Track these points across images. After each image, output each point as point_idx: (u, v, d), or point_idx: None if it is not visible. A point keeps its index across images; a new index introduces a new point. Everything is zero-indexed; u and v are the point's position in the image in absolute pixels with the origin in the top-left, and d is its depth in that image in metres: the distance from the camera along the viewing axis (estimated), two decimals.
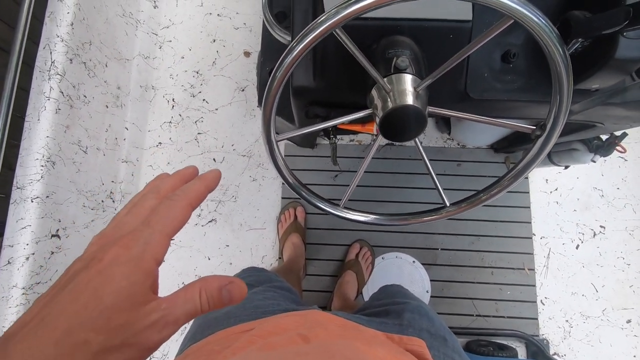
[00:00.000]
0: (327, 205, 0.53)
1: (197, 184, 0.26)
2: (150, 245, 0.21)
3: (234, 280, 0.23)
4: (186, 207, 0.24)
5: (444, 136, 1.32)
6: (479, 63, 0.59)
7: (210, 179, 0.27)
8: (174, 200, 0.24)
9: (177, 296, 0.22)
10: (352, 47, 0.41)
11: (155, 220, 0.23)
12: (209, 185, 0.27)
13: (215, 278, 0.23)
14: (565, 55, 0.37)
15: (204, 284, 0.22)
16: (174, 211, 0.23)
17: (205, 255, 1.27)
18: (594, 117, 0.68)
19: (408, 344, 0.40)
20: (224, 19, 1.43)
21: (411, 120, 0.45)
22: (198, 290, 0.22)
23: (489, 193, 0.49)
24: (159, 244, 0.22)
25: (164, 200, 0.24)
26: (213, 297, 0.22)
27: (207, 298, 0.22)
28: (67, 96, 0.99)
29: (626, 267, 1.21)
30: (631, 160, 1.27)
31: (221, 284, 0.22)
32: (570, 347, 1.17)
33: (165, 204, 0.24)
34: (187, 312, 0.21)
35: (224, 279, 0.23)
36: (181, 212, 0.24)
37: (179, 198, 0.24)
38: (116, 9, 1.22)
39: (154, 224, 0.22)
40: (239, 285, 0.23)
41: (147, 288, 0.21)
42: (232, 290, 0.22)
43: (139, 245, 0.21)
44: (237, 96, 1.38)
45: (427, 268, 1.22)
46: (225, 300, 0.22)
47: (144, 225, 0.22)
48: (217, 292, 0.22)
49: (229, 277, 0.23)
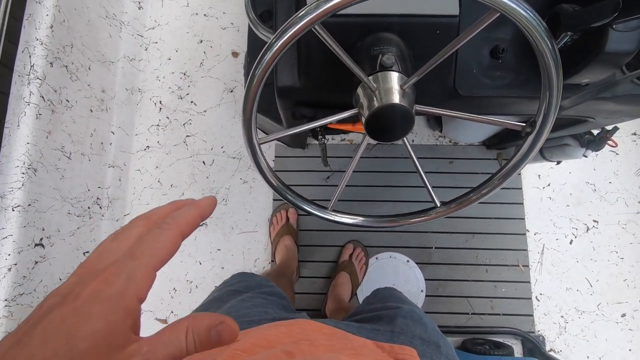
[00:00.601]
0: (313, 207, 0.51)
1: (189, 212, 0.24)
2: (134, 280, 0.19)
3: (225, 320, 0.21)
4: (176, 237, 0.22)
5: (435, 134, 1.31)
6: (468, 59, 0.58)
7: (205, 206, 0.25)
8: (162, 228, 0.22)
9: (161, 337, 0.19)
10: (333, 44, 0.39)
11: (141, 251, 0.21)
12: (202, 213, 0.25)
13: (205, 317, 0.20)
14: (554, 49, 0.36)
15: (191, 322, 0.20)
16: (162, 241, 0.21)
17: (197, 260, 1.25)
18: (584, 112, 0.67)
19: (399, 353, 0.39)
20: (211, 19, 1.40)
21: (398, 119, 0.44)
22: (184, 330, 0.20)
23: (480, 193, 0.48)
24: (143, 279, 0.20)
25: (152, 228, 0.22)
26: (200, 338, 0.20)
27: (193, 339, 0.20)
28: (48, 101, 0.97)
29: (620, 261, 1.21)
30: (623, 154, 1.27)
31: (211, 323, 0.20)
32: (566, 343, 1.17)
33: (153, 233, 0.22)
34: (170, 355, 0.19)
35: (214, 319, 0.20)
36: (170, 241, 0.22)
37: (168, 227, 0.22)
38: (99, 11, 1.19)
39: (139, 256, 0.20)
40: (229, 326, 0.21)
41: (127, 329, 0.19)
42: (222, 331, 0.20)
43: (120, 280, 0.19)
44: (226, 97, 1.35)
45: (421, 267, 1.21)
46: (214, 342, 0.20)
47: (128, 257, 0.20)
48: (205, 333, 0.20)
49: (220, 316, 0.21)
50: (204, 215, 0.25)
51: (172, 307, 1.23)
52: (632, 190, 1.24)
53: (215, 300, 0.55)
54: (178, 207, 0.25)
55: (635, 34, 0.47)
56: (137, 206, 1.28)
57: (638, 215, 1.23)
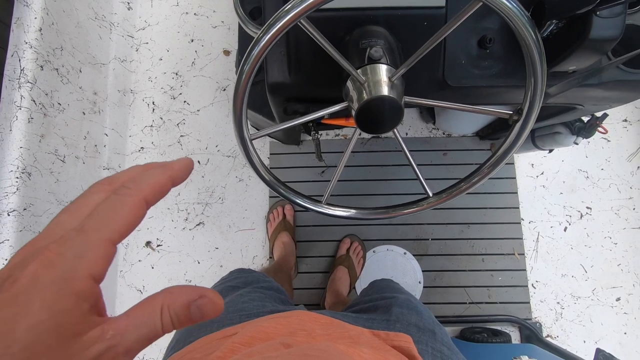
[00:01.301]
0: (306, 201, 0.52)
1: (156, 174, 0.20)
2: (84, 258, 0.16)
3: (206, 293, 0.18)
4: (137, 204, 0.19)
5: (429, 126, 1.31)
6: (456, 50, 0.58)
7: (178, 169, 0.21)
8: (121, 194, 0.19)
9: (131, 317, 0.17)
10: (320, 38, 0.39)
11: (92, 223, 0.17)
12: (173, 176, 0.21)
13: (181, 291, 0.18)
14: (537, 38, 0.36)
15: (166, 299, 0.17)
16: (120, 210, 0.18)
17: (195, 259, 1.26)
18: (573, 99, 0.67)
19: (395, 340, 0.39)
20: (201, 17, 1.40)
21: (387, 111, 0.44)
22: (159, 308, 0.17)
23: (470, 182, 0.48)
24: (96, 255, 0.17)
25: (109, 195, 0.19)
26: (178, 315, 0.17)
27: (170, 317, 0.17)
28: (39, 104, 0.96)
29: (613, 247, 1.22)
30: (614, 141, 1.28)
31: (190, 298, 0.18)
32: (563, 329, 1.18)
33: (110, 201, 0.18)
34: (143, 337, 0.17)
35: (193, 292, 0.18)
36: (130, 210, 0.18)
37: (128, 192, 0.19)
38: (87, 12, 1.19)
39: (89, 229, 0.17)
40: (212, 299, 0.18)
41: (83, 314, 0.16)
42: (204, 306, 0.18)
43: (66, 259, 0.16)
44: (219, 96, 1.35)
45: (418, 259, 1.22)
46: (196, 318, 0.18)
47: (76, 232, 0.17)
48: (183, 310, 0.17)
49: (200, 288, 0.18)
50: (176, 178, 0.21)
51: None
52: (624, 176, 1.26)
53: None
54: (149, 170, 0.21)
55: (618, 20, 0.48)
56: None
57: (630, 200, 1.24)
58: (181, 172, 0.21)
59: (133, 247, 1.27)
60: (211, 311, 0.18)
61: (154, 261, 1.26)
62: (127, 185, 0.19)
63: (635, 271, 1.21)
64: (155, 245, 1.27)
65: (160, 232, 1.27)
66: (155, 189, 0.20)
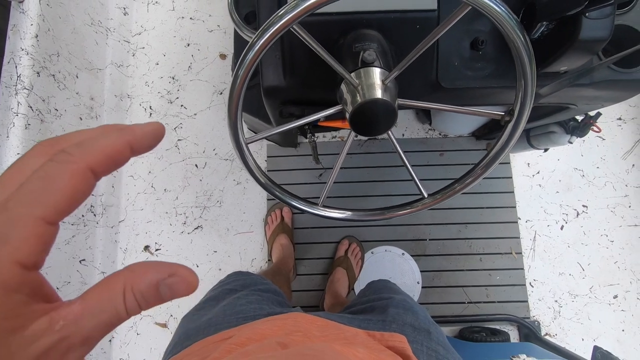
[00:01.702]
0: (303, 203, 0.52)
1: (110, 138, 0.16)
2: (7, 241, 0.13)
3: (177, 270, 0.15)
4: (79, 173, 0.15)
5: (425, 127, 1.32)
6: (449, 52, 0.59)
7: (141, 134, 0.17)
8: (58, 161, 0.15)
9: (86, 302, 0.14)
10: (313, 43, 0.40)
11: (18, 198, 0.14)
12: (133, 142, 0.17)
13: (147, 268, 0.15)
14: (525, 40, 0.37)
15: (129, 278, 0.15)
16: (57, 180, 0.15)
17: (193, 263, 1.26)
18: (566, 98, 0.68)
19: (389, 340, 0.40)
20: (197, 22, 1.41)
21: (380, 113, 0.45)
22: (121, 290, 0.15)
23: (464, 182, 0.49)
24: (23, 236, 0.14)
25: (46, 161, 0.15)
26: (145, 296, 0.15)
27: (135, 299, 0.15)
28: (36, 110, 0.97)
29: (610, 244, 1.23)
30: (608, 139, 1.29)
31: (158, 277, 0.15)
32: (561, 327, 1.19)
33: (44, 169, 0.15)
34: (103, 323, 0.14)
35: (161, 269, 0.15)
36: (69, 180, 0.15)
37: (68, 158, 0.15)
38: (84, 18, 1.19)
39: (15, 205, 0.14)
40: (184, 278, 0.15)
41: (17, 306, 0.13)
42: (175, 284, 0.15)
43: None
44: (216, 99, 1.36)
45: (416, 259, 1.23)
46: (166, 298, 0.15)
47: None
48: (150, 290, 0.15)
49: (169, 265, 0.16)
50: (137, 145, 0.17)
51: (171, 310, 1.23)
52: (620, 174, 1.26)
53: (210, 300, 0.56)
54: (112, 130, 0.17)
55: (607, 21, 0.49)
56: (131, 212, 1.29)
57: (626, 198, 1.25)
58: (145, 139, 0.17)
59: (131, 252, 1.27)
60: (184, 290, 0.16)
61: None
62: (68, 150, 0.15)
63: (632, 268, 1.21)
64: (154, 249, 1.27)
65: (158, 236, 1.27)
66: (107, 155, 0.16)
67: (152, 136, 0.18)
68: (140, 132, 0.17)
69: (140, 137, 0.17)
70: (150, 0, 1.42)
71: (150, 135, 0.18)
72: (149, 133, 0.18)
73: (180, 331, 0.49)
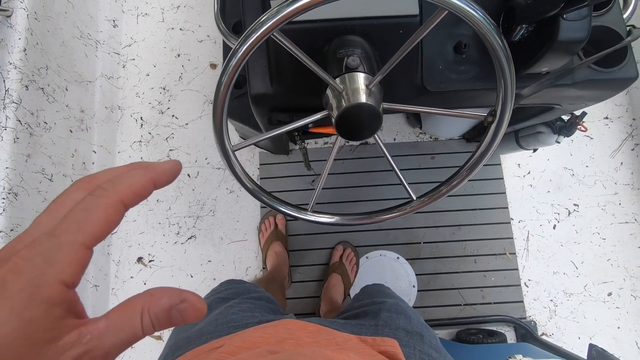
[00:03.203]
0: (292, 209, 0.52)
1: (137, 175, 0.20)
2: (54, 263, 0.16)
3: (188, 297, 0.18)
4: (113, 206, 0.18)
5: (416, 131, 1.33)
6: (433, 56, 0.60)
7: (162, 171, 0.21)
8: (96, 195, 0.18)
9: (110, 320, 0.17)
10: (295, 50, 0.40)
11: (64, 226, 0.17)
12: (156, 179, 0.20)
13: (163, 294, 0.18)
14: (502, 42, 0.38)
15: (147, 302, 0.17)
16: (95, 212, 0.17)
17: (188, 273, 1.25)
18: (550, 99, 0.69)
19: (381, 345, 0.40)
20: (187, 32, 1.41)
21: (365, 118, 0.45)
22: (139, 312, 0.17)
23: (450, 184, 0.49)
24: (67, 259, 0.16)
25: (85, 196, 0.18)
26: (159, 319, 0.17)
27: (151, 321, 0.17)
28: (25, 124, 0.96)
29: (602, 242, 1.24)
30: (596, 138, 1.31)
31: (171, 302, 0.18)
32: (557, 326, 1.19)
33: (84, 202, 0.18)
34: (122, 340, 0.17)
35: (174, 296, 0.18)
36: (105, 212, 0.18)
37: (104, 193, 0.18)
38: (72, 31, 1.19)
39: (61, 233, 0.17)
40: (193, 305, 0.18)
41: (56, 319, 0.16)
42: (185, 310, 0.18)
43: (35, 265, 0.16)
44: (207, 109, 1.36)
45: (411, 263, 1.23)
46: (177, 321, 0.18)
47: (48, 235, 0.17)
48: (164, 313, 0.17)
49: (182, 292, 0.18)
50: (159, 181, 0.20)
51: None
52: (608, 172, 1.28)
53: None
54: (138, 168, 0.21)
55: (584, 23, 0.50)
56: (123, 224, 1.28)
57: (616, 196, 1.27)
58: (166, 175, 0.21)
59: (125, 263, 1.26)
60: (192, 316, 0.18)
61: (146, 277, 1.25)
62: (103, 186, 0.18)
63: (624, 265, 1.22)
64: (147, 261, 1.26)
65: (151, 247, 1.26)
66: (134, 190, 0.19)
67: (171, 172, 0.21)
68: (161, 169, 0.21)
69: (161, 173, 0.21)
70: (139, 12, 1.42)
71: (170, 172, 0.21)
72: (169, 170, 0.21)
73: (171, 342, 0.49)
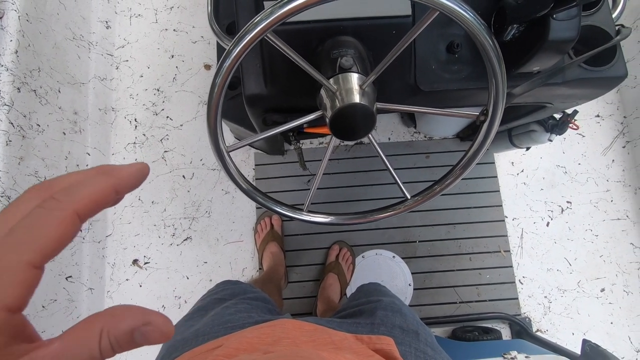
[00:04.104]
0: (287, 209, 0.52)
1: (96, 183, 0.17)
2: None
3: (152, 319, 0.16)
4: (66, 220, 0.16)
5: (410, 130, 1.34)
6: (426, 56, 0.60)
7: (126, 177, 0.18)
8: (47, 208, 0.16)
9: (64, 343, 0.15)
10: (289, 51, 0.41)
11: (8, 245, 0.15)
12: (118, 185, 0.18)
13: (125, 315, 0.16)
14: (493, 42, 0.38)
15: (108, 323, 0.15)
16: (44, 226, 0.15)
17: (184, 275, 1.24)
18: (541, 98, 0.70)
19: (377, 343, 0.40)
20: (181, 33, 1.41)
21: (359, 118, 0.46)
22: (98, 333, 0.15)
23: (444, 183, 0.50)
24: (11, 282, 0.14)
25: (35, 208, 0.16)
26: (119, 342, 0.16)
27: (110, 344, 0.15)
28: (17, 127, 0.95)
29: (595, 239, 1.25)
30: (588, 136, 1.33)
31: (133, 324, 0.16)
32: (552, 322, 1.20)
33: (33, 215, 0.16)
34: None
35: (138, 318, 0.16)
36: (57, 227, 0.15)
37: (56, 205, 0.16)
38: (65, 33, 1.18)
39: (3, 253, 0.15)
40: (158, 328, 0.16)
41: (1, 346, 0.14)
42: (149, 333, 0.16)
43: None
44: (202, 110, 1.36)
45: (407, 262, 1.23)
46: (141, 344, 0.16)
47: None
48: (125, 336, 0.16)
49: (147, 313, 0.16)
50: (122, 187, 0.18)
51: None
52: (600, 169, 1.30)
53: (199, 310, 0.56)
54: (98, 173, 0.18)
55: (574, 22, 0.50)
56: (118, 226, 1.27)
57: (608, 193, 1.28)
58: (130, 180, 0.18)
59: (120, 266, 1.25)
60: (157, 339, 0.16)
61: (142, 279, 1.24)
62: (56, 197, 0.16)
63: (617, 261, 1.24)
64: (143, 263, 1.25)
65: (147, 249, 1.26)
66: (93, 200, 0.17)
67: (136, 177, 0.19)
68: (126, 174, 0.18)
69: (125, 179, 0.18)
70: (132, 13, 1.42)
71: (135, 177, 0.19)
72: (134, 174, 0.19)
73: (167, 343, 0.49)
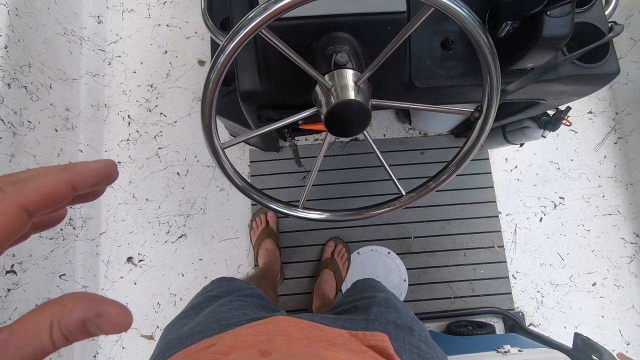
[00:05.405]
0: (282, 206, 0.52)
1: (48, 176, 0.16)
2: None
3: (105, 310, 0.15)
4: (12, 212, 0.15)
5: (405, 127, 1.34)
6: (421, 53, 0.60)
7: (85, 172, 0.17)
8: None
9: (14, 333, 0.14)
10: (283, 47, 0.40)
11: None
12: (76, 181, 0.17)
13: (76, 304, 0.15)
14: (487, 39, 0.38)
15: (58, 313, 0.15)
16: None
17: (179, 272, 1.24)
18: (535, 94, 0.70)
19: (371, 339, 0.40)
20: (174, 29, 1.39)
21: (354, 114, 0.45)
22: (49, 323, 0.15)
23: (438, 180, 0.50)
24: None
25: None
26: (71, 332, 0.15)
27: (62, 334, 0.15)
28: (8, 123, 0.94)
29: (586, 234, 1.27)
30: (581, 133, 1.34)
31: (85, 315, 0.15)
32: (544, 316, 1.22)
33: None
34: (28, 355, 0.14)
35: (90, 308, 0.15)
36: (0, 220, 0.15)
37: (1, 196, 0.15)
38: (56, 28, 1.17)
39: None
40: (112, 319, 0.15)
41: None
42: (101, 325, 0.15)
43: None
44: (195, 106, 1.35)
45: (402, 257, 1.24)
46: (96, 334, 0.16)
47: None
48: (77, 326, 0.15)
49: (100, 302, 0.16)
50: (79, 183, 0.17)
51: (157, 322, 1.21)
52: (592, 165, 1.31)
53: (194, 307, 0.56)
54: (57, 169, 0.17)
55: (567, 19, 0.51)
56: (112, 223, 1.26)
57: (599, 188, 1.30)
58: (89, 176, 0.17)
59: (114, 264, 1.24)
60: (110, 331, 0.16)
61: (137, 277, 1.23)
62: (2, 188, 0.15)
63: (608, 256, 1.26)
64: (137, 260, 1.25)
65: (141, 247, 1.25)
66: (43, 194, 0.16)
67: (99, 173, 0.18)
68: (85, 170, 0.17)
69: (85, 175, 0.17)
70: (125, 8, 1.40)
71: (97, 172, 0.18)
72: (96, 170, 0.18)
73: (162, 342, 0.48)
